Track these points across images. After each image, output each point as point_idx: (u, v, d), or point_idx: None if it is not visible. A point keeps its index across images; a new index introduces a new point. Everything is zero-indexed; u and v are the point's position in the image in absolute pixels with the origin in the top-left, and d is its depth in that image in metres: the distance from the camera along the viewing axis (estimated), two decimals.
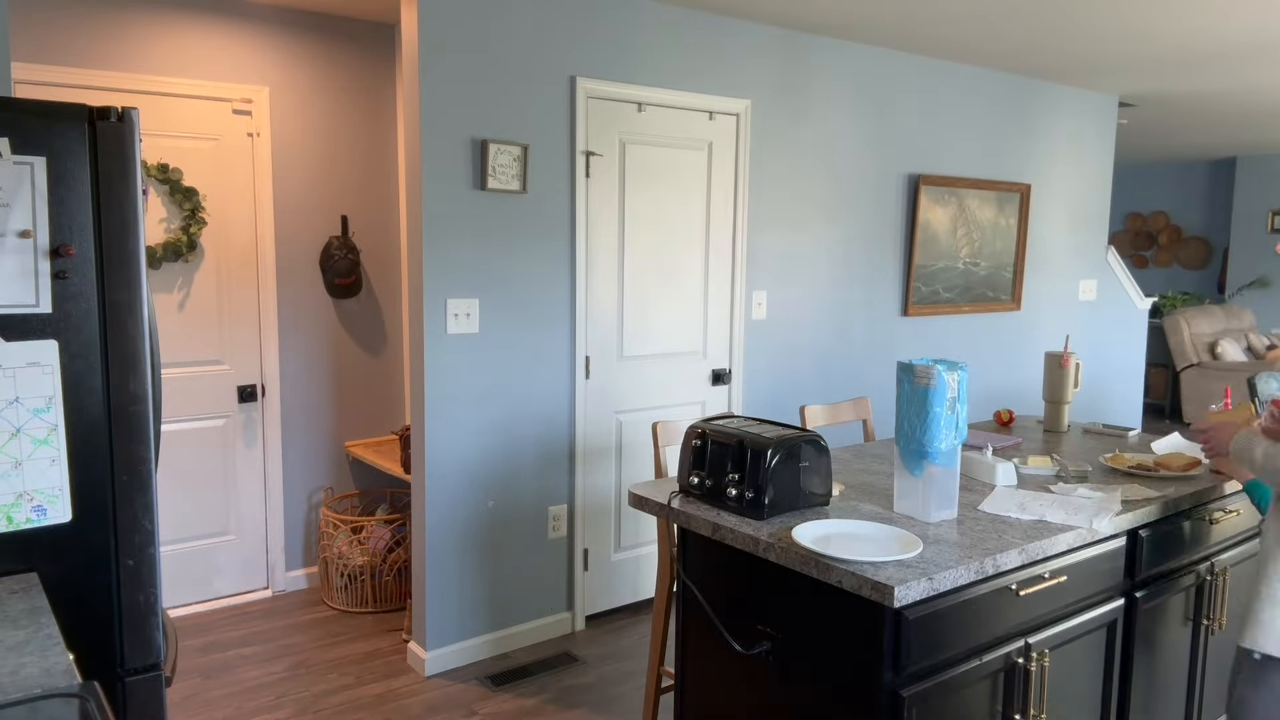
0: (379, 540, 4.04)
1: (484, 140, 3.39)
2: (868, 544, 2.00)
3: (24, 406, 1.64)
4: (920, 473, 2.18)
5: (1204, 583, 2.68)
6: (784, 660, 2.06)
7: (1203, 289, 10.01)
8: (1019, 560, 2.02)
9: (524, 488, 3.67)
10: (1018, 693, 2.10)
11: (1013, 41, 4.45)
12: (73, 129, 1.65)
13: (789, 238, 4.39)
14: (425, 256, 3.32)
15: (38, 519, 1.67)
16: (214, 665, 3.51)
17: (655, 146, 3.89)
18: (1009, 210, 5.37)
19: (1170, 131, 7.48)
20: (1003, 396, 5.55)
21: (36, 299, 1.64)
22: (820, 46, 4.37)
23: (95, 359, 1.70)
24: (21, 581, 1.63)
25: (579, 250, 3.69)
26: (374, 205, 4.37)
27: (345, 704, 3.24)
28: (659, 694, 2.91)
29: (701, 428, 2.32)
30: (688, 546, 2.32)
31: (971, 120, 5.10)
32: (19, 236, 1.61)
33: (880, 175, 4.72)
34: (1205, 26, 4.08)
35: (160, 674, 1.81)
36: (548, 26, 3.52)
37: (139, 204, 1.72)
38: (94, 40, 3.61)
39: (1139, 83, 5.41)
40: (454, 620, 3.54)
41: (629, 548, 4.04)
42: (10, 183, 1.60)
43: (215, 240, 3.95)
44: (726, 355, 4.24)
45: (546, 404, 3.69)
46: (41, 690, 1.26)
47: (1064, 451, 2.97)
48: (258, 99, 3.99)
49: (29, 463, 1.65)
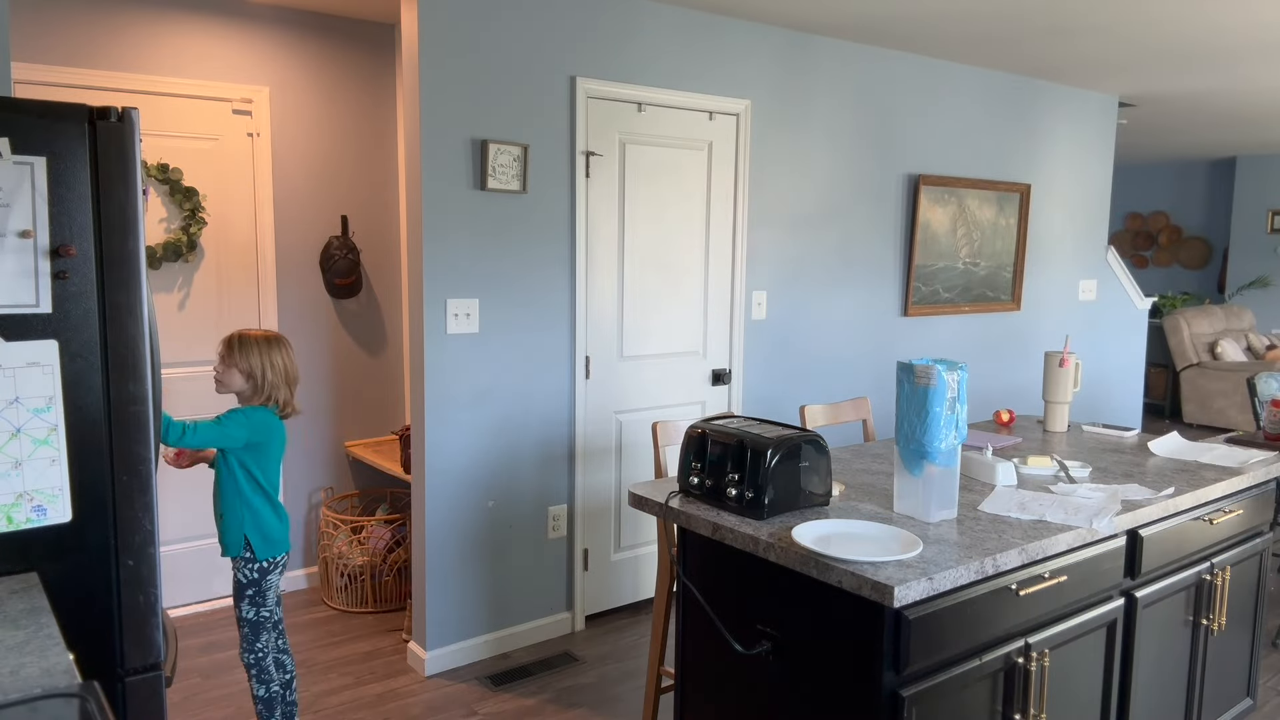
0: (379, 540, 4.04)
1: (484, 140, 3.39)
2: (868, 544, 2.00)
3: (24, 406, 1.64)
4: (920, 473, 2.18)
5: (1204, 583, 2.68)
6: (784, 660, 2.06)
7: (1203, 289, 10.01)
8: (1019, 560, 2.02)
9: (524, 488, 3.67)
10: (1018, 693, 2.10)
11: (1013, 41, 4.45)
12: (73, 129, 1.64)
13: (789, 238, 4.39)
14: (425, 256, 3.32)
15: (38, 519, 1.67)
16: (214, 665, 3.51)
17: (655, 146, 3.89)
18: (1009, 210, 5.37)
19: (1170, 131, 7.48)
20: (1003, 396, 5.55)
21: (36, 299, 1.64)
22: (820, 46, 4.37)
23: (95, 359, 1.70)
24: (21, 581, 1.63)
25: (579, 250, 3.69)
26: (374, 205, 4.37)
27: (345, 704, 3.24)
28: (659, 694, 2.91)
29: (701, 428, 2.32)
30: (687, 546, 2.32)
31: (971, 120, 5.10)
32: (19, 236, 1.61)
33: (880, 175, 4.72)
34: (1205, 26, 4.08)
35: (160, 674, 1.81)
36: (548, 26, 3.52)
37: (139, 204, 1.72)
38: (94, 40, 3.61)
39: (1139, 83, 5.41)
40: (454, 620, 3.54)
41: (629, 548, 4.04)
42: (10, 183, 1.60)
43: (215, 240, 3.95)
44: (726, 355, 4.24)
45: (546, 404, 3.69)
46: (41, 690, 1.26)
47: (1064, 451, 2.97)
48: (258, 99, 3.99)
49: (29, 463, 1.65)
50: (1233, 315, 8.75)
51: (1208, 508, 2.63)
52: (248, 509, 2.68)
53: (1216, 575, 2.70)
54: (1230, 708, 2.95)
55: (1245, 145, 8.39)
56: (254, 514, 2.69)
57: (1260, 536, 2.93)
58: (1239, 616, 2.90)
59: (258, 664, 2.75)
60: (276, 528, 2.73)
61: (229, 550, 2.71)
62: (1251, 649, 3.00)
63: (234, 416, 2.64)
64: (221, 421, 2.61)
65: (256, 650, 2.74)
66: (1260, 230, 9.23)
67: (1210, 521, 2.65)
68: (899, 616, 1.84)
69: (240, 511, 2.68)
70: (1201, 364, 8.26)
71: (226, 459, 2.67)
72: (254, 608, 2.73)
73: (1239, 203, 9.33)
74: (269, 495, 2.72)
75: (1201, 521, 2.62)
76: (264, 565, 2.72)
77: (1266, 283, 9.20)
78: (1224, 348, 8.22)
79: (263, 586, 2.73)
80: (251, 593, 2.73)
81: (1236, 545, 2.81)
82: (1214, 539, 2.69)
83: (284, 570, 2.80)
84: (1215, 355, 8.26)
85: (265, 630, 2.76)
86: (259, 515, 2.69)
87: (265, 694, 2.76)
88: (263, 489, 2.70)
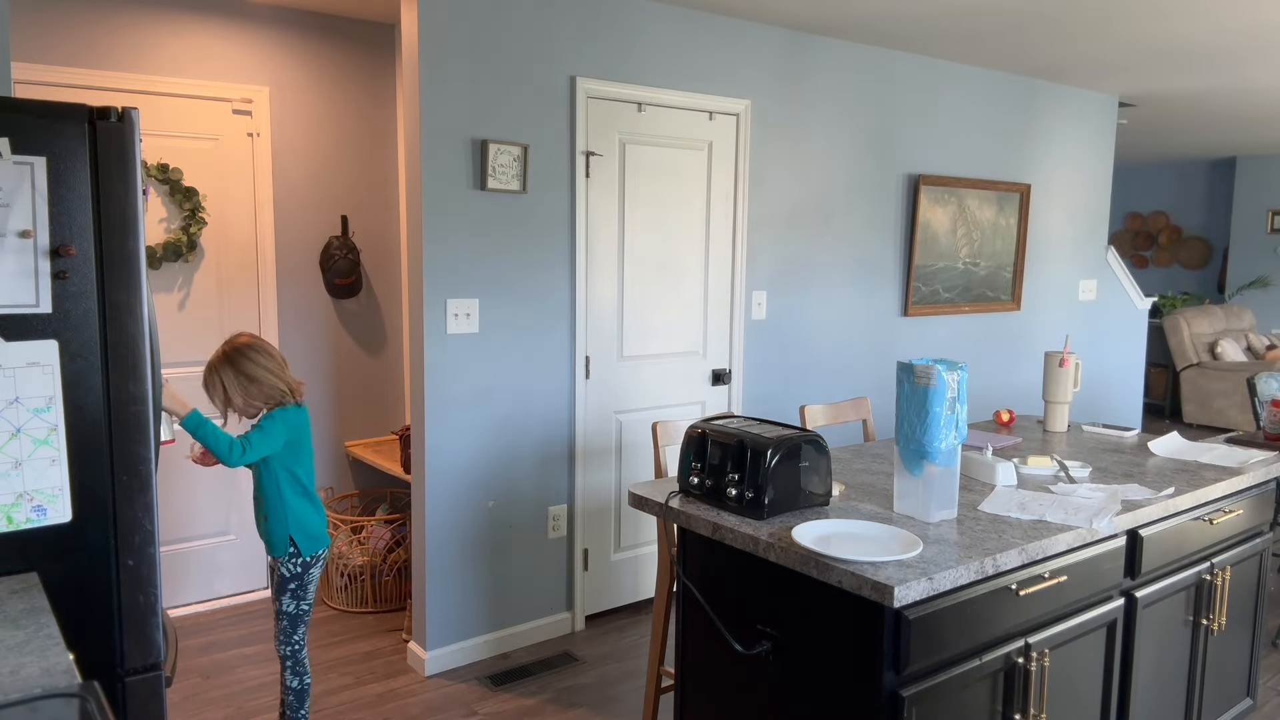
0: (379, 540, 4.04)
1: (484, 140, 3.39)
2: (868, 544, 2.00)
3: (24, 406, 1.64)
4: (920, 473, 2.18)
5: (1204, 583, 2.68)
6: (784, 660, 2.06)
7: (1203, 289, 10.01)
8: (1019, 560, 2.02)
9: (524, 488, 3.67)
10: (1018, 693, 2.10)
11: (1013, 41, 4.45)
12: (73, 129, 1.64)
13: (789, 238, 4.39)
14: (425, 256, 3.32)
15: (38, 519, 1.67)
16: (214, 665, 3.51)
17: (655, 146, 3.89)
18: (1009, 210, 5.37)
19: (1170, 131, 7.48)
20: (1003, 396, 5.55)
21: (36, 299, 1.64)
22: (820, 46, 4.37)
23: (95, 359, 1.70)
24: (21, 581, 1.63)
25: (579, 250, 3.69)
26: (374, 205, 4.37)
27: (345, 704, 3.24)
28: (659, 694, 2.91)
29: (701, 428, 2.32)
30: (687, 546, 2.32)
31: (971, 120, 5.10)
32: (19, 236, 1.61)
33: (880, 175, 4.72)
34: (1205, 26, 4.08)
35: (160, 674, 1.81)
36: (548, 26, 3.52)
37: (139, 204, 1.72)
38: (94, 40, 3.61)
39: (1139, 83, 5.41)
40: (454, 620, 3.54)
41: (629, 548, 4.04)
42: (10, 183, 1.60)
43: (215, 240, 3.95)
44: (726, 355, 4.24)
45: (546, 404, 3.69)
46: (41, 690, 1.26)
47: (1064, 451, 2.97)
48: (258, 99, 3.99)
49: (29, 463, 1.65)
50: (1233, 315, 8.75)
51: (1208, 508, 2.63)
52: (289, 510, 2.72)
53: (1216, 575, 2.70)
54: (1230, 708, 2.95)
55: (1245, 145, 8.39)
56: (295, 514, 2.73)
57: (1260, 536, 2.93)
58: (1239, 616, 2.90)
59: (294, 655, 2.79)
60: (317, 523, 2.78)
61: (275, 550, 2.75)
62: (1251, 649, 3.00)
63: (271, 419, 2.68)
64: (263, 428, 2.66)
65: (294, 642, 2.78)
66: (1260, 230, 9.23)
67: (1210, 521, 2.65)
68: (899, 616, 1.84)
69: (282, 513, 2.72)
70: (1201, 364, 8.26)
71: (268, 463, 2.71)
72: (295, 601, 2.77)
73: (1239, 203, 9.33)
74: (308, 492, 2.77)
75: (1201, 521, 2.62)
76: (308, 560, 2.76)
77: (1266, 283, 9.20)
78: (1224, 348, 8.22)
79: (305, 580, 2.77)
80: (294, 586, 2.76)
81: (1236, 545, 2.81)
82: (1214, 539, 2.69)
83: (324, 564, 2.83)
84: (1215, 355, 8.26)
85: (303, 623, 2.80)
86: (300, 514, 2.74)
87: (299, 685, 2.81)
88: (302, 486, 2.75)
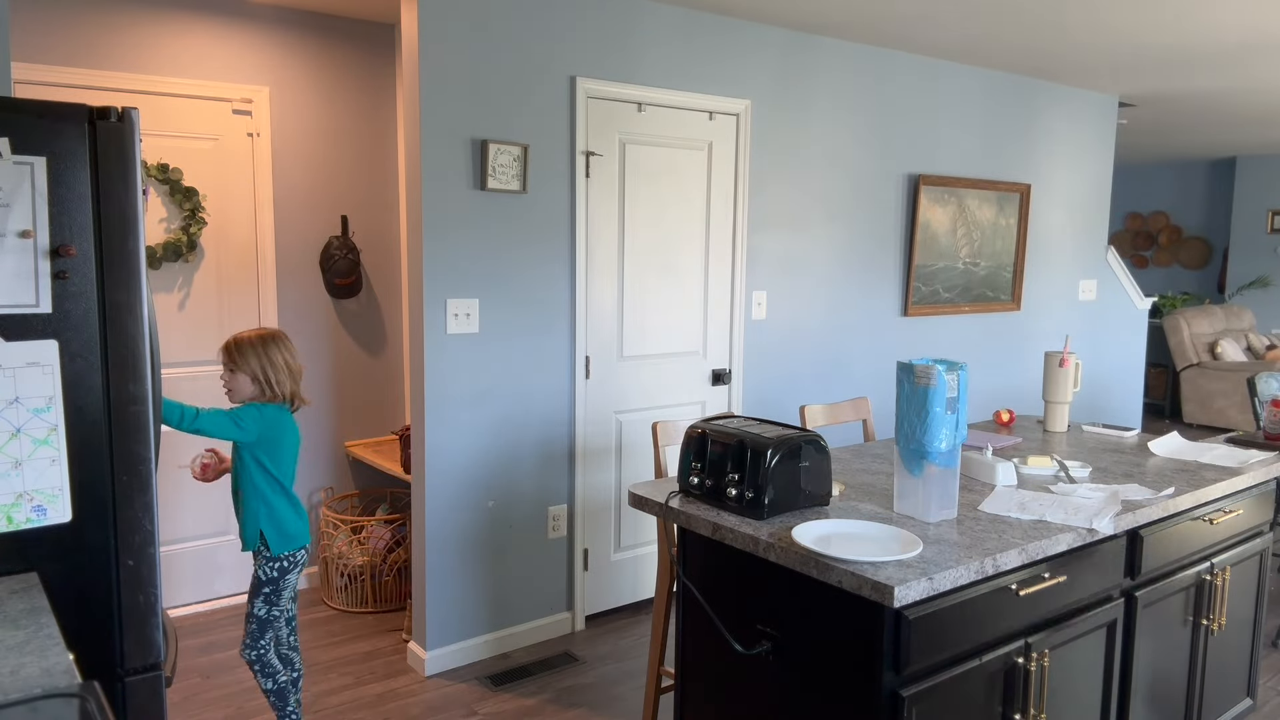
0: (379, 540, 4.04)
1: (484, 140, 3.39)
2: (868, 544, 2.00)
3: (24, 406, 1.63)
4: (920, 473, 2.18)
5: (1204, 583, 2.68)
6: (784, 660, 2.06)
7: (1203, 289, 10.01)
8: (1019, 560, 2.02)
9: (524, 488, 3.67)
10: (1018, 693, 2.10)
11: (1013, 41, 4.45)
12: (73, 129, 1.64)
13: (789, 238, 4.39)
14: (425, 256, 3.32)
15: (38, 519, 1.67)
16: (214, 665, 3.51)
17: (655, 146, 3.89)
18: (1009, 210, 5.37)
19: (1170, 131, 7.48)
20: (1003, 396, 5.55)
21: (36, 299, 1.64)
22: (820, 46, 4.37)
23: (95, 359, 1.70)
24: (21, 581, 1.63)
25: (579, 250, 3.69)
26: (374, 205, 4.37)
27: (345, 704, 3.24)
28: (659, 694, 2.91)
29: (701, 428, 2.32)
30: (687, 546, 2.32)
31: (971, 120, 5.10)
32: (19, 236, 1.61)
33: (880, 175, 4.72)
34: (1205, 26, 4.08)
35: (160, 674, 1.81)
36: (548, 26, 3.52)
37: (139, 204, 1.72)
38: (94, 40, 3.61)
39: (1139, 83, 5.41)
40: (454, 620, 3.54)
41: (629, 548, 4.04)
42: (10, 183, 1.60)
43: (215, 240, 3.95)
44: (726, 355, 4.24)
45: (546, 404, 3.69)
46: (41, 690, 1.26)
47: (1064, 451, 2.97)
48: (258, 99, 3.99)
49: (29, 463, 1.65)
50: (1233, 315, 8.75)
51: (1208, 508, 2.63)
52: (263, 504, 2.71)
53: (1216, 575, 2.70)
54: (1230, 708, 2.95)
55: (1245, 145, 8.39)
56: (270, 509, 2.72)
57: (1260, 536, 2.93)
58: (1239, 617, 2.90)
59: (260, 659, 2.76)
60: (292, 522, 2.76)
61: (246, 544, 2.74)
62: (1251, 649, 3.00)
63: (248, 411, 2.67)
64: (236, 415, 2.64)
65: (259, 647, 2.76)
66: (1260, 230, 9.23)
67: (1210, 521, 2.65)
68: (899, 616, 1.84)
69: (256, 506, 2.71)
70: (1201, 364, 8.26)
71: (241, 454, 2.70)
72: (267, 605, 2.75)
73: (1239, 203, 9.33)
74: (285, 490, 2.75)
75: (1201, 521, 2.62)
76: (283, 564, 2.75)
77: (1266, 283, 9.20)
78: (1224, 348, 8.22)
79: (280, 586, 2.75)
80: (268, 590, 2.75)
81: (1236, 545, 2.81)
82: (1214, 539, 2.69)
83: (303, 569, 2.81)
84: (1215, 355, 8.26)
85: (272, 629, 2.77)
86: (275, 510, 2.72)
87: (274, 686, 2.79)
88: (278, 483, 2.73)
